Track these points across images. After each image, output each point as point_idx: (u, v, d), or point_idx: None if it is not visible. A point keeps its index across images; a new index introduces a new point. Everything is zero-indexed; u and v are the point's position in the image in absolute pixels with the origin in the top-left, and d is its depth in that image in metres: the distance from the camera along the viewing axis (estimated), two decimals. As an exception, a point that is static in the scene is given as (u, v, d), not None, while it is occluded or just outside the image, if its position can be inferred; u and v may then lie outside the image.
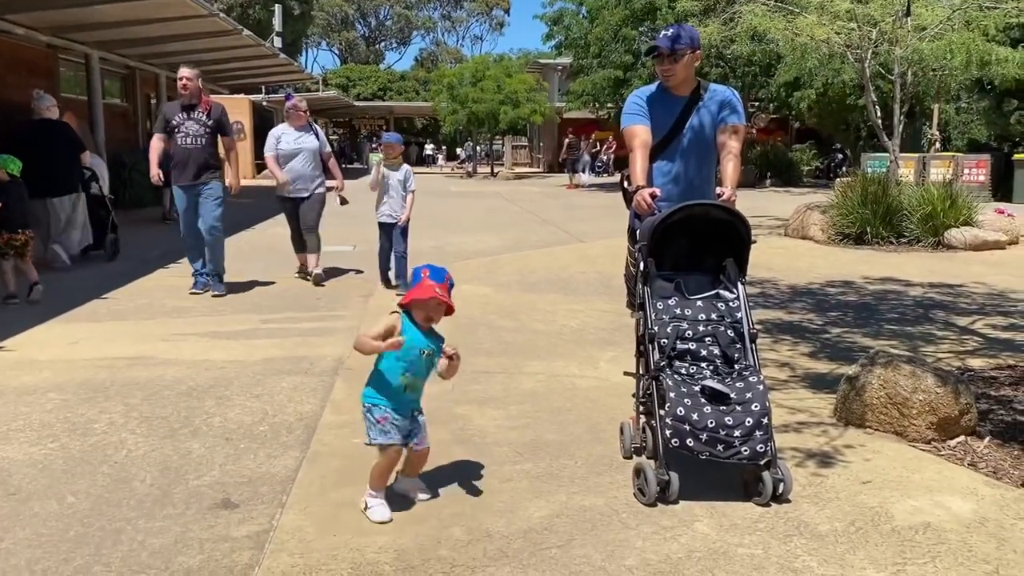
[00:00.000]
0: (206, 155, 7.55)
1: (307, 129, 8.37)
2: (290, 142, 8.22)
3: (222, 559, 2.84)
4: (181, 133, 7.50)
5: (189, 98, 7.56)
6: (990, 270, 9.31)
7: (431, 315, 3.18)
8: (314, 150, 8.31)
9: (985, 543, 2.99)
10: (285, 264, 9.10)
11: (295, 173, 8.21)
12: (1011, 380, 5.01)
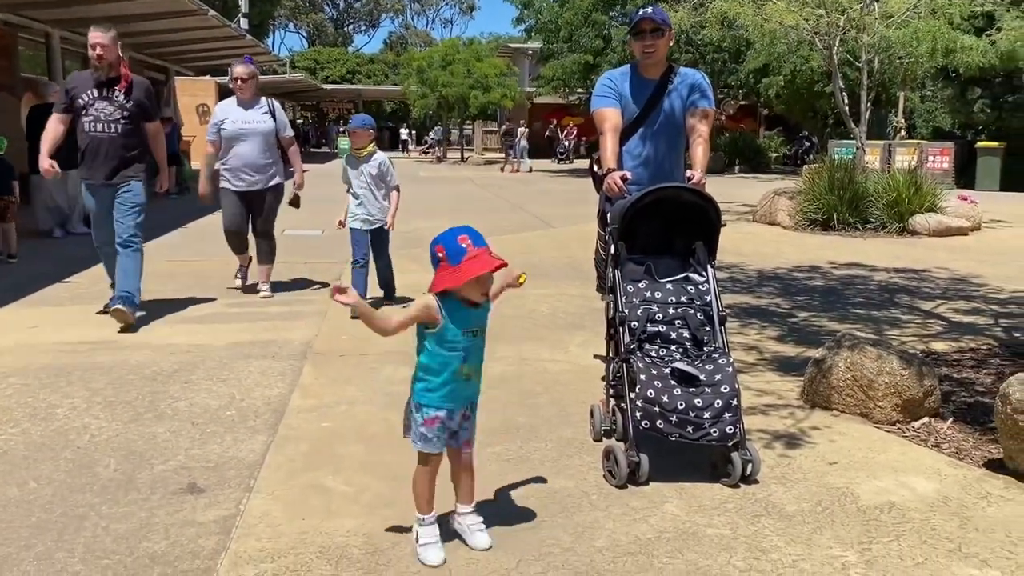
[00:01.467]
0: (124, 146, 5.81)
1: (260, 106, 6.72)
2: (236, 122, 6.60)
3: (188, 544, 2.80)
4: (90, 116, 5.72)
5: (106, 70, 5.74)
6: (953, 256, 9.46)
7: (488, 289, 2.65)
8: (267, 133, 6.66)
9: (948, 522, 3.04)
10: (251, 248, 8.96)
11: (242, 161, 6.59)
12: (973, 363, 5.10)
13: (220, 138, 6.59)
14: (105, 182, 5.79)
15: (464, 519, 2.82)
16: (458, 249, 2.50)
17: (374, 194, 6.29)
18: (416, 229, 11.47)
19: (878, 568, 2.70)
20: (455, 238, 2.52)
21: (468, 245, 2.50)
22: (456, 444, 2.76)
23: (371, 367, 4.88)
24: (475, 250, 2.50)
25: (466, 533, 2.79)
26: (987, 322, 6.25)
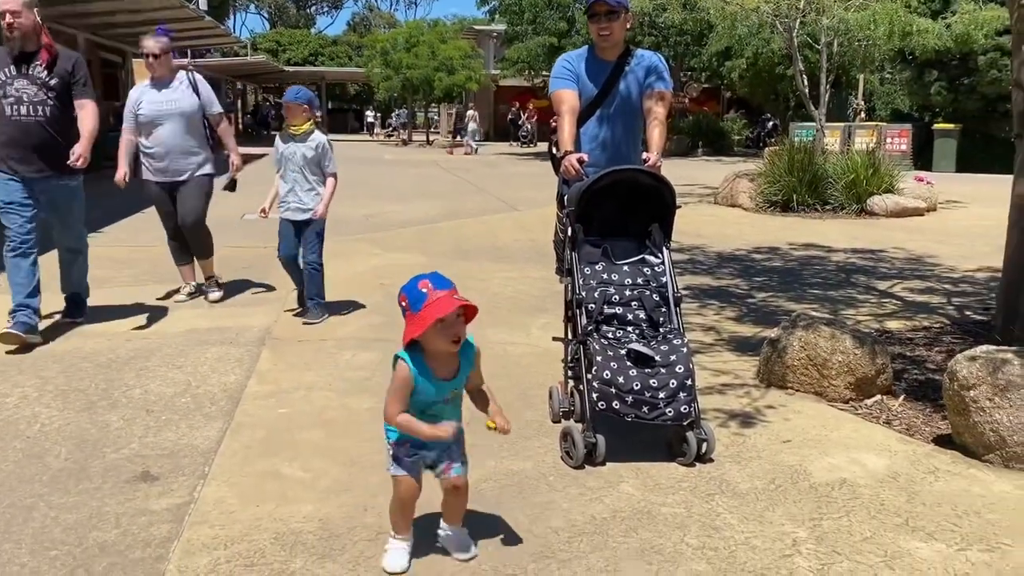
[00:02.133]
0: (52, 132, 4.92)
1: (178, 82, 5.85)
2: (152, 104, 5.76)
3: (139, 533, 2.77)
4: (10, 98, 4.85)
5: (21, 42, 4.84)
6: (910, 236, 9.62)
7: (456, 335, 2.42)
8: (189, 113, 5.82)
9: (896, 497, 3.10)
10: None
11: (162, 147, 5.77)
12: (925, 341, 5.20)
13: (136, 126, 5.80)
14: (35, 175, 4.92)
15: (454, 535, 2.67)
16: (418, 295, 2.36)
17: (308, 180, 5.46)
18: (381, 213, 11.41)
19: (827, 543, 2.75)
20: (416, 284, 2.38)
21: (428, 289, 2.36)
22: (438, 470, 2.59)
23: (330, 352, 4.85)
24: (436, 293, 2.35)
25: (451, 546, 2.65)
26: (940, 301, 6.37)
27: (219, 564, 2.58)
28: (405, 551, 2.60)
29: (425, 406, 2.48)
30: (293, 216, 5.52)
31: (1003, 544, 2.75)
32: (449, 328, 2.38)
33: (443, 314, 2.33)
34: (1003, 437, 3.31)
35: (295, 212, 5.50)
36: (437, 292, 2.35)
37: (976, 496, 3.10)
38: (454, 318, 2.37)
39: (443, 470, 2.57)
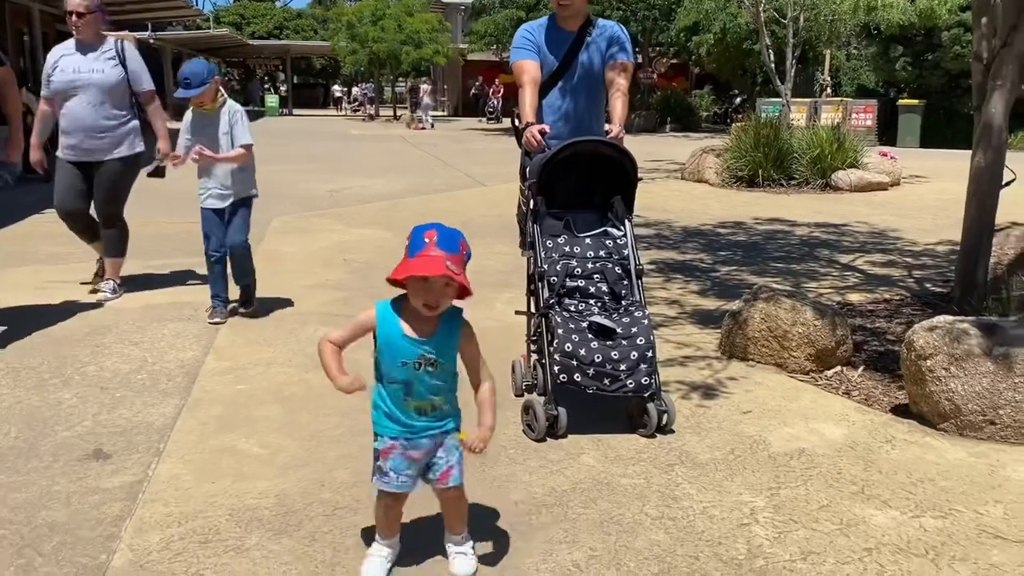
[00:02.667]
0: None
1: (104, 50, 5.16)
2: (67, 71, 5.09)
3: (90, 511, 2.71)
4: None
5: None
6: (873, 210, 9.71)
7: (435, 300, 2.19)
8: (108, 87, 5.11)
9: (853, 465, 3.13)
10: (171, 207, 8.69)
11: (74, 123, 5.11)
12: (886, 313, 5.25)
13: (51, 92, 5.14)
14: None
15: (457, 547, 2.46)
16: (418, 242, 2.18)
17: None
18: (345, 188, 11.29)
19: (784, 512, 2.77)
20: (423, 232, 2.19)
21: (430, 241, 2.16)
22: (432, 477, 2.35)
23: (290, 329, 4.78)
24: (433, 250, 2.14)
25: (450, 556, 2.44)
26: (901, 274, 6.44)
27: (172, 541, 2.54)
28: (384, 560, 2.38)
29: (392, 367, 2.24)
30: (216, 204, 4.74)
31: (955, 510, 2.79)
32: (429, 291, 2.17)
33: (422, 274, 2.14)
34: (958, 406, 3.36)
35: (217, 199, 4.73)
36: (434, 250, 2.15)
37: (931, 464, 3.14)
38: (440, 285, 2.17)
39: (439, 478, 2.34)
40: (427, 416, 2.29)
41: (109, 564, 2.42)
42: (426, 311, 2.20)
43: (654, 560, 2.47)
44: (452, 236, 2.20)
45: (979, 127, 4.74)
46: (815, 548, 2.55)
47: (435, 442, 2.32)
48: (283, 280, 5.93)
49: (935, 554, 2.52)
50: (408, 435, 2.29)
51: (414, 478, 2.33)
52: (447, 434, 2.34)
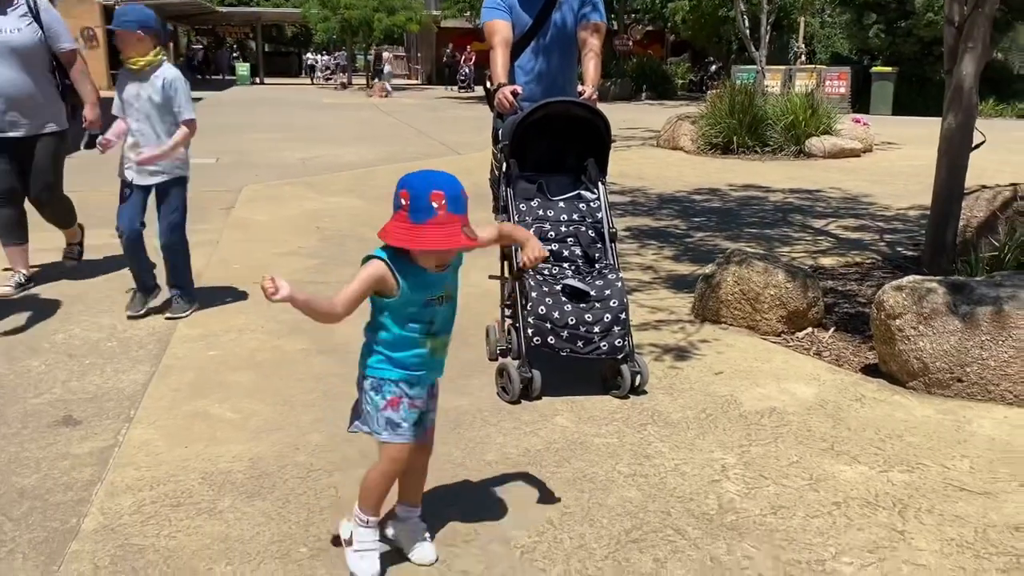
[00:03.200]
0: None
1: (15, 7, 4.49)
2: None
3: (60, 477, 2.69)
4: None
5: None
6: (846, 176, 9.76)
7: (446, 262, 2.10)
8: (26, 48, 4.48)
9: (823, 423, 3.17)
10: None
11: None
12: (857, 276, 5.30)
13: None
14: None
15: (408, 524, 2.31)
16: (425, 208, 1.97)
17: (156, 131, 4.10)
18: (317, 156, 11.17)
19: (755, 468, 2.80)
20: (427, 192, 1.97)
21: (439, 206, 1.96)
22: (423, 430, 2.23)
23: (262, 296, 4.71)
24: (447, 217, 1.97)
25: (406, 541, 2.28)
26: (873, 238, 6.50)
27: (144, 505, 2.52)
28: (378, 546, 2.22)
29: (414, 308, 2.10)
30: (139, 179, 4.13)
31: (922, 464, 2.84)
32: (443, 256, 2.05)
33: (444, 248, 1.99)
34: (926, 364, 3.40)
35: (141, 174, 4.13)
36: (448, 217, 1.96)
37: (899, 421, 3.19)
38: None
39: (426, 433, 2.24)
40: (436, 357, 2.20)
41: (80, 528, 2.40)
42: (439, 270, 2.08)
43: (626, 516, 2.49)
44: (459, 197, 2.00)
45: (950, 89, 4.77)
46: (785, 503, 2.59)
47: (430, 389, 2.24)
48: (255, 248, 5.88)
49: (902, 507, 2.57)
50: (415, 381, 2.15)
51: (423, 426, 2.22)
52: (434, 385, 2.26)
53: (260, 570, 2.22)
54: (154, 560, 2.25)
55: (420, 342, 2.14)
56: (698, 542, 2.37)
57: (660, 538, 2.39)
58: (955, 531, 2.43)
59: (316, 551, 2.31)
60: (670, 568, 2.24)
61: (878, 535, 2.41)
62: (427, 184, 2.00)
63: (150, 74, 4.07)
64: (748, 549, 2.33)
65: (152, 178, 4.14)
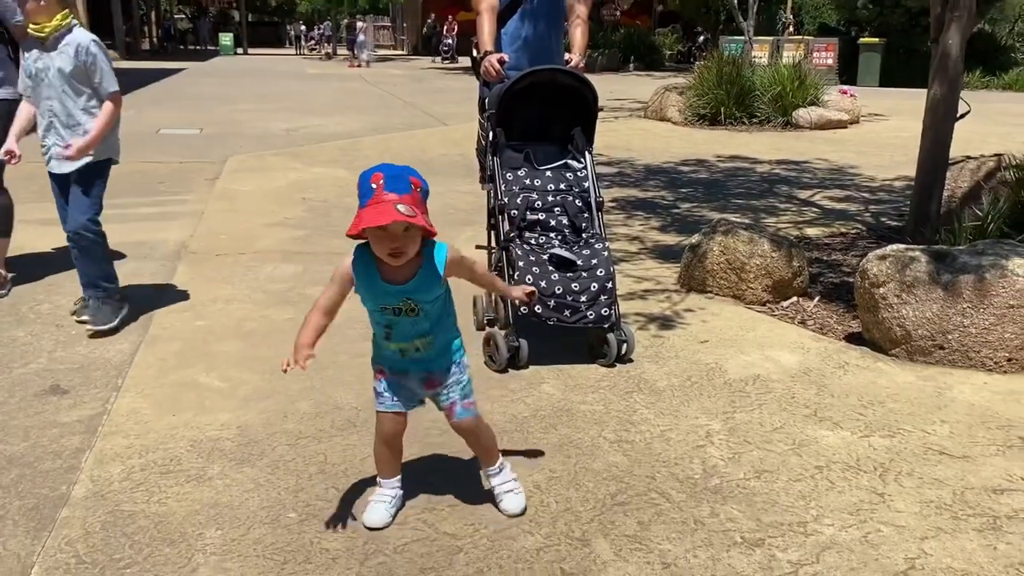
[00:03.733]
0: None
1: None
2: None
3: (49, 445, 2.69)
4: None
5: None
6: (832, 147, 9.78)
7: (397, 248, 2.03)
8: None
9: (807, 390, 3.21)
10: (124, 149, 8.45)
11: None
12: (842, 246, 5.34)
13: None
14: None
15: (491, 480, 2.40)
16: (366, 190, 2.02)
17: (69, 109, 3.57)
18: (303, 127, 11.09)
19: (739, 434, 2.84)
20: (369, 176, 2.03)
21: (377, 186, 2.00)
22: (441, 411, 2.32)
23: (249, 266, 4.73)
24: (383, 195, 1.98)
25: (497, 496, 2.38)
26: (858, 208, 6.53)
27: (133, 472, 2.54)
28: (385, 503, 2.32)
29: (374, 310, 2.18)
30: (57, 168, 3.64)
31: (903, 430, 2.88)
32: (391, 239, 2.02)
33: (371, 225, 1.99)
34: (908, 331, 3.44)
35: (59, 162, 3.61)
36: (383, 196, 1.98)
37: (881, 387, 3.23)
38: (399, 230, 2.01)
39: (446, 414, 2.31)
40: (409, 357, 2.21)
41: (70, 495, 2.41)
42: (393, 260, 2.05)
43: (612, 480, 2.53)
44: (399, 176, 2.04)
45: (936, 59, 4.78)
46: (768, 467, 2.63)
47: (426, 379, 2.25)
48: (241, 218, 5.85)
49: (883, 470, 2.61)
50: (394, 367, 2.24)
51: (410, 401, 2.28)
52: (448, 370, 2.26)
53: (250, 535, 2.24)
54: (145, 526, 2.27)
55: (381, 341, 2.23)
56: (682, 505, 2.41)
57: (645, 501, 2.42)
58: (934, 493, 2.48)
59: (306, 516, 2.33)
60: (654, 530, 2.28)
61: (859, 498, 2.46)
62: (372, 171, 2.06)
63: (58, 42, 3.51)
64: (731, 512, 2.37)
65: (68, 165, 3.58)
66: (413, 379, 2.25)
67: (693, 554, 2.18)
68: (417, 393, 2.29)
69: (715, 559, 2.16)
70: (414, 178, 2.06)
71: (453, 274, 2.19)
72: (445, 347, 2.26)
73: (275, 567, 2.11)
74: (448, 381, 2.26)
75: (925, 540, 2.25)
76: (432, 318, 2.19)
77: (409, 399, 2.29)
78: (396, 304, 2.13)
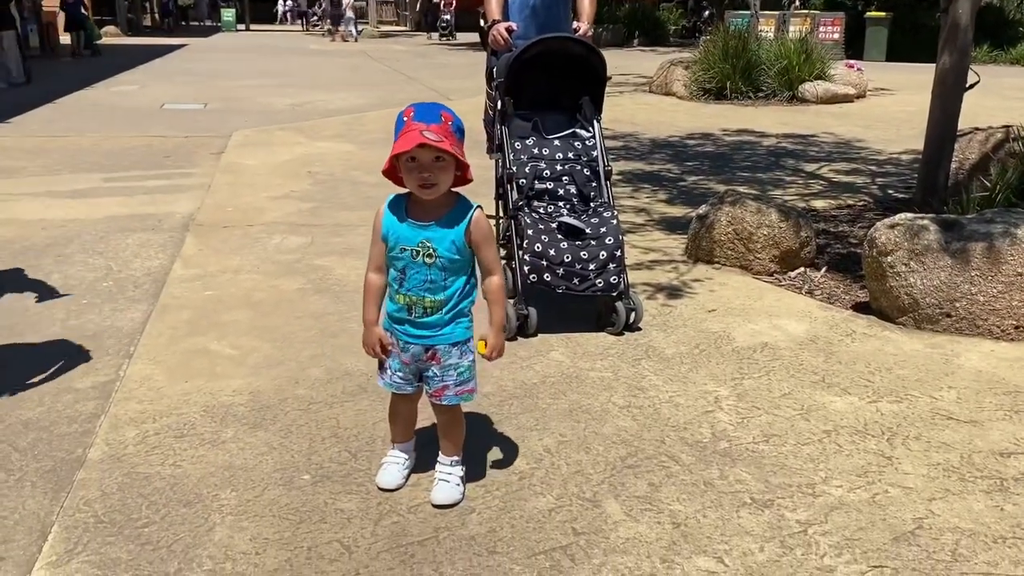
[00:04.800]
0: None
1: None
2: None
3: (64, 410, 2.72)
4: None
5: None
6: (839, 121, 9.74)
7: (427, 177, 2.04)
8: None
9: (815, 357, 3.22)
10: (129, 124, 8.49)
11: None
12: (848, 218, 5.34)
13: None
14: None
15: (439, 466, 2.32)
16: (399, 123, 2.07)
17: None
18: (307, 102, 11.05)
19: (747, 400, 2.86)
20: (402, 113, 2.07)
21: (408, 119, 2.04)
22: (428, 389, 2.25)
23: (257, 237, 4.74)
24: (411, 124, 2.02)
25: (434, 482, 2.30)
26: (865, 181, 6.51)
27: (148, 436, 2.56)
28: (398, 465, 2.33)
29: (394, 254, 2.15)
30: None
31: (911, 395, 2.90)
32: (418, 168, 2.03)
33: (401, 150, 2.01)
34: (916, 300, 3.45)
35: None
36: (412, 125, 2.01)
37: (889, 355, 3.25)
38: (429, 160, 2.01)
39: (433, 392, 2.24)
40: (415, 316, 2.17)
41: (86, 457, 2.44)
42: (424, 193, 2.06)
43: (621, 444, 2.55)
44: (429, 107, 2.07)
45: (945, 29, 4.75)
46: (776, 431, 2.65)
47: (427, 352, 2.20)
48: (247, 192, 5.85)
49: (890, 434, 2.63)
50: (397, 331, 2.20)
51: (407, 384, 2.25)
52: (451, 348, 2.20)
53: (264, 496, 2.27)
54: (160, 487, 2.30)
55: (394, 292, 2.19)
56: (691, 467, 2.43)
57: (655, 464, 2.44)
58: (941, 456, 2.50)
59: (319, 478, 2.35)
60: (664, 491, 2.31)
61: (867, 460, 2.48)
62: (403, 111, 2.09)
63: None
64: (740, 474, 2.40)
65: None
66: (412, 351, 2.21)
67: (703, 514, 2.21)
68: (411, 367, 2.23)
69: (725, 519, 2.19)
70: (445, 112, 2.07)
71: (475, 236, 2.14)
72: (452, 321, 2.19)
73: (290, 526, 2.14)
74: (447, 361, 2.21)
75: (933, 501, 2.28)
76: (445, 278, 2.14)
77: (404, 381, 2.26)
78: (414, 246, 2.12)
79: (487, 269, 2.22)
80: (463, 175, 2.12)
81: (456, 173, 2.10)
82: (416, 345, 2.21)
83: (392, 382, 2.27)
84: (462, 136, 2.11)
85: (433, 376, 2.23)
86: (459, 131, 2.09)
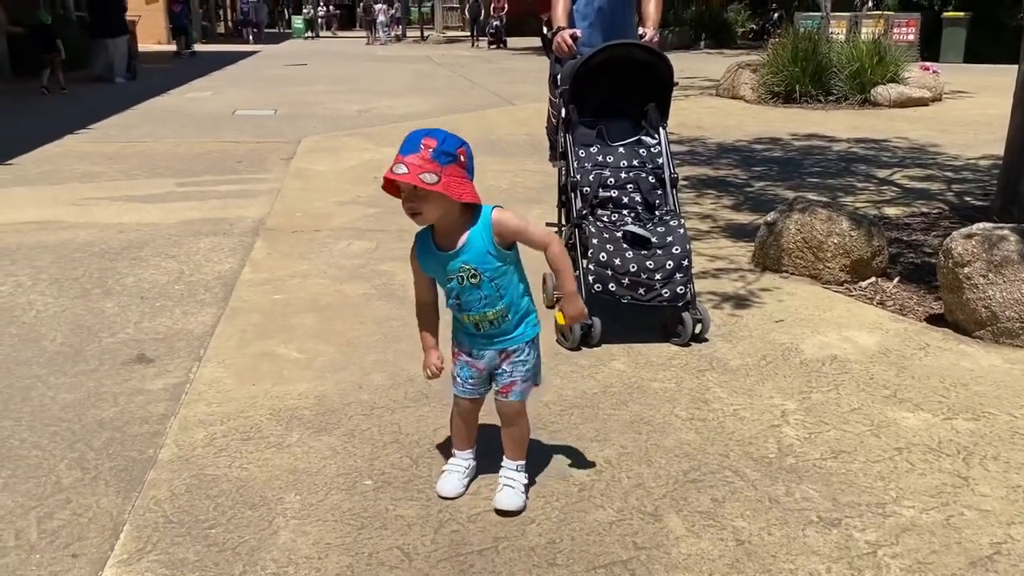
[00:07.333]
0: None
1: None
2: None
3: (137, 411, 2.80)
4: None
5: None
6: (912, 126, 9.45)
7: (408, 207, 2.06)
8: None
9: (886, 371, 3.13)
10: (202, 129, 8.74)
11: None
12: (923, 226, 5.17)
13: None
14: None
15: (504, 471, 2.33)
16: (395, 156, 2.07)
17: None
18: (374, 108, 11.21)
19: (815, 414, 2.79)
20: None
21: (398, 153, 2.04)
22: (495, 387, 2.28)
23: (324, 242, 4.82)
24: (397, 157, 2.02)
25: (498, 486, 2.30)
26: (940, 188, 6.30)
27: (216, 438, 2.62)
28: (459, 473, 2.35)
29: (443, 282, 2.20)
30: None
31: (988, 413, 2.79)
32: (405, 199, 2.06)
33: (384, 185, 2.10)
34: (995, 313, 3.32)
35: None
36: (397, 156, 2.02)
37: (965, 370, 3.13)
38: (409, 189, 2.02)
39: (501, 389, 2.26)
40: (484, 331, 2.20)
41: (157, 458, 2.51)
42: (413, 219, 2.10)
43: (684, 457, 2.51)
44: (413, 137, 2.04)
45: (1029, 31, 4.56)
46: (845, 447, 2.57)
47: (501, 355, 2.23)
48: (315, 197, 5.96)
49: (967, 454, 2.53)
50: (470, 346, 2.25)
51: (479, 387, 2.29)
52: (520, 348, 2.23)
53: (327, 500, 2.30)
54: (227, 489, 2.35)
55: (456, 315, 2.23)
56: (756, 483, 2.38)
57: (718, 479, 2.40)
58: (1022, 478, 2.40)
59: (381, 484, 2.38)
60: (728, 507, 2.26)
61: (941, 480, 2.39)
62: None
63: None
64: (807, 491, 2.34)
65: None
66: (486, 357, 2.24)
67: (768, 532, 2.16)
68: (484, 373, 2.26)
69: (790, 537, 2.13)
70: (427, 138, 2.02)
71: (505, 234, 2.13)
72: (519, 321, 2.23)
73: (352, 531, 2.16)
74: (518, 358, 2.23)
75: (1012, 525, 2.18)
76: (497, 288, 2.15)
77: (475, 386, 2.29)
78: (455, 273, 2.14)
79: (539, 244, 2.20)
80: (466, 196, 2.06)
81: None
82: (491, 350, 2.24)
83: (465, 389, 2.31)
84: (449, 160, 2.03)
85: (502, 373, 2.26)
86: (444, 155, 2.01)
